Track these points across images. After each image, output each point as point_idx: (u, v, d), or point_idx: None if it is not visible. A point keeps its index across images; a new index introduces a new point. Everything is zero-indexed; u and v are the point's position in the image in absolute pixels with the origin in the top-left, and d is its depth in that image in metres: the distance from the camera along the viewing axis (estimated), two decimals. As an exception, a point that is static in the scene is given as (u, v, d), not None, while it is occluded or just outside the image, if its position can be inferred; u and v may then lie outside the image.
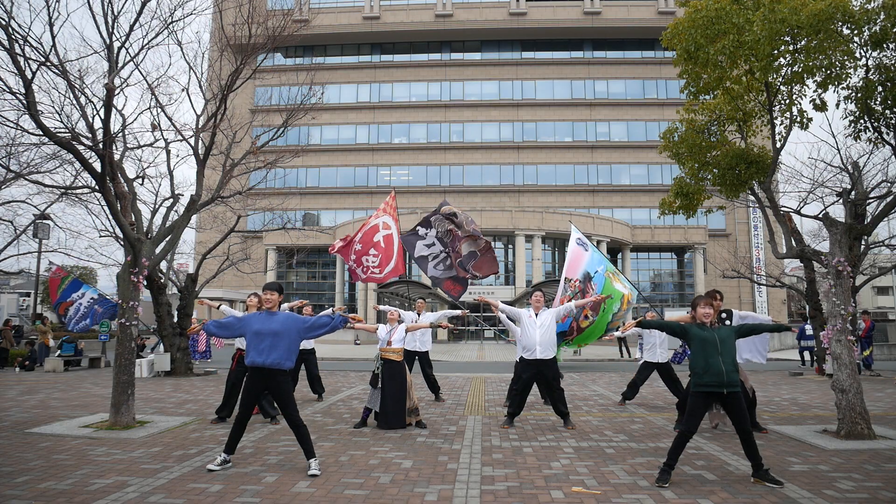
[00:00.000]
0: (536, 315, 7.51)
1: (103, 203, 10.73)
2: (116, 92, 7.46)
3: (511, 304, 40.35)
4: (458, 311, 10.14)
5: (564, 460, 5.60)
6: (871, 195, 9.52)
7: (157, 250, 8.59)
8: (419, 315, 9.85)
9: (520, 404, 7.50)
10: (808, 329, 18.22)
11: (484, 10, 51.02)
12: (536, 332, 7.35)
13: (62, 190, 11.62)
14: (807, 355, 18.67)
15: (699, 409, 4.92)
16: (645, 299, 18.41)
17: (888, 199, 7.77)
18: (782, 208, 8.36)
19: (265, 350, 5.08)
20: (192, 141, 10.24)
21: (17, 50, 6.65)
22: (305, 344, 9.35)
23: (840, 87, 7.07)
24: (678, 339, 5.26)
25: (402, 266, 10.21)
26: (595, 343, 34.90)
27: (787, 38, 6.81)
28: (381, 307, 10.04)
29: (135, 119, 9.83)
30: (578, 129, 50.90)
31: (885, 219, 8.30)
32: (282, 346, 5.11)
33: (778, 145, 7.88)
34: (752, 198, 10.88)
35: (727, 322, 7.35)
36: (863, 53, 7.00)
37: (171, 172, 11.42)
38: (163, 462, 5.44)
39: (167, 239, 9.18)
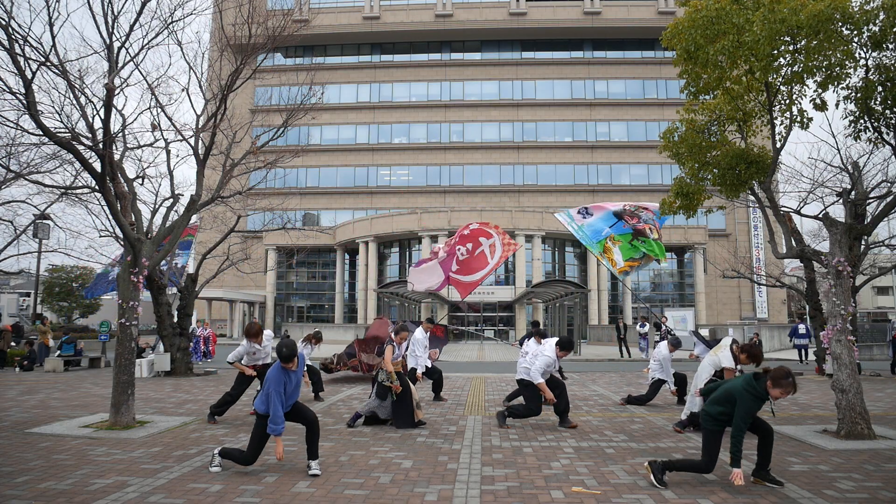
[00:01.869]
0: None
1: (103, 203, 10.73)
2: (116, 92, 7.46)
3: (510, 304, 39.87)
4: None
5: (564, 460, 5.60)
6: (871, 195, 9.53)
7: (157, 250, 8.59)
8: (426, 333, 10.30)
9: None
10: (801, 328, 19.58)
11: (484, 10, 51.00)
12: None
13: (62, 190, 11.60)
14: (802, 353, 19.82)
15: (719, 443, 4.73)
16: (645, 299, 18.49)
17: (888, 199, 7.77)
18: (782, 208, 8.36)
19: (294, 396, 5.24)
20: (192, 141, 10.24)
21: (17, 50, 6.65)
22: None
23: (840, 87, 7.07)
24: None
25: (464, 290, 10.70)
26: (595, 343, 34.85)
27: (787, 39, 6.81)
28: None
29: (135, 119, 9.82)
30: (578, 129, 50.90)
31: (885, 219, 8.31)
32: (298, 390, 5.34)
33: (778, 145, 7.88)
34: (752, 198, 10.88)
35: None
36: (862, 54, 7.00)
37: (171, 172, 11.40)
38: (163, 462, 5.44)
39: (167, 239, 9.18)
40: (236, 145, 12.67)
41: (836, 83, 6.92)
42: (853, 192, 8.32)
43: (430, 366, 10.31)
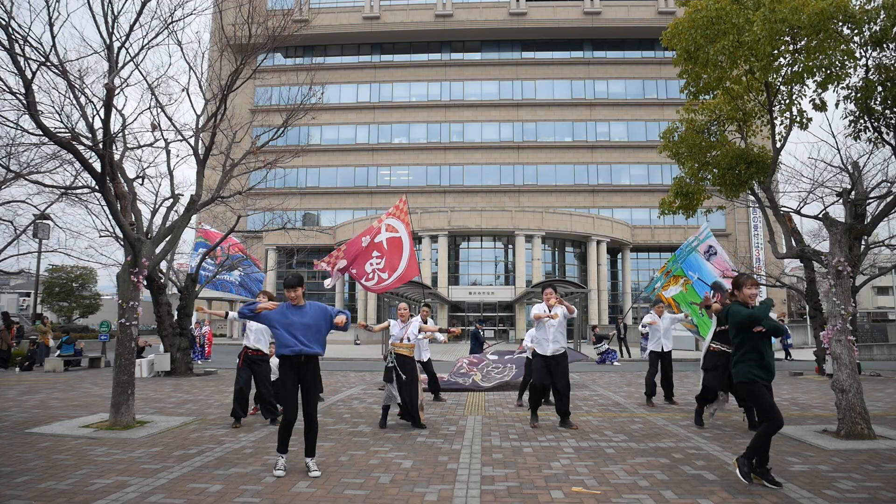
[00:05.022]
0: (550, 309, 7.51)
1: (103, 203, 10.74)
2: (116, 92, 7.46)
3: (510, 304, 39.88)
4: (451, 330, 10.07)
5: (564, 460, 5.59)
6: (871, 195, 9.52)
7: (157, 250, 8.59)
8: (425, 322, 9.88)
9: (539, 399, 7.65)
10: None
11: (484, 10, 50.99)
12: (550, 332, 7.43)
13: (62, 190, 11.61)
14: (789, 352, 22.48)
15: (766, 393, 4.66)
16: (645, 299, 18.55)
17: (888, 199, 7.77)
18: (782, 208, 8.37)
19: (302, 340, 5.09)
20: (192, 141, 10.25)
21: (17, 50, 6.65)
22: None
23: (840, 87, 7.08)
24: (747, 327, 4.78)
25: (415, 269, 10.24)
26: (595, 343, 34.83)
27: (787, 38, 6.81)
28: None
29: (135, 119, 9.83)
30: (578, 129, 50.88)
31: (885, 219, 8.31)
32: (316, 335, 5.19)
33: (778, 145, 7.88)
34: (752, 198, 10.90)
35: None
36: (863, 53, 7.01)
37: (171, 172, 11.42)
38: (163, 462, 5.44)
39: (167, 239, 9.18)
40: (236, 145, 12.67)
41: (836, 83, 6.93)
42: (853, 192, 8.30)
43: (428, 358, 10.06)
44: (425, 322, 9.82)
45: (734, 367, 4.86)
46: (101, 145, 7.31)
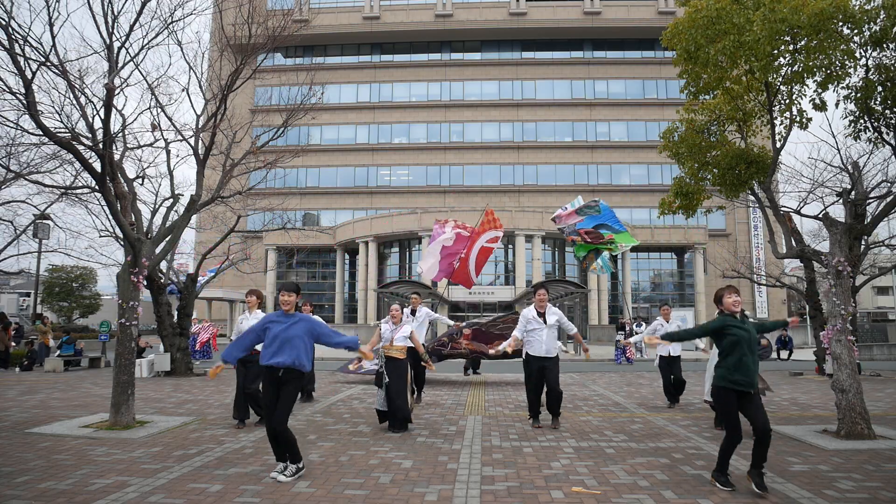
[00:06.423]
0: (542, 315, 7.44)
1: (103, 203, 10.74)
2: (116, 92, 7.46)
3: (511, 304, 39.89)
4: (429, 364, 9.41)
5: (564, 460, 5.60)
6: (871, 195, 9.52)
7: (157, 250, 8.59)
8: (413, 312, 9.91)
9: (537, 401, 7.53)
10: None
11: (484, 10, 50.98)
12: (544, 334, 7.36)
13: (62, 190, 11.61)
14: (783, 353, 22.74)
15: (734, 406, 4.69)
16: (646, 299, 18.62)
17: (888, 199, 7.77)
18: (782, 208, 8.36)
19: (277, 352, 4.94)
20: (192, 141, 10.25)
21: (17, 50, 6.65)
22: None
23: (840, 86, 7.07)
24: (710, 337, 5.02)
25: (467, 280, 12.15)
26: (597, 343, 34.91)
27: (787, 38, 6.81)
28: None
29: (135, 119, 9.84)
30: (578, 129, 50.86)
31: (885, 219, 8.31)
32: (297, 347, 4.98)
33: (778, 145, 7.88)
34: (752, 198, 10.90)
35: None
36: (863, 53, 7.00)
37: (171, 172, 11.42)
38: (163, 462, 5.44)
39: (167, 239, 9.18)
40: (236, 145, 12.68)
41: (836, 83, 6.93)
42: (853, 192, 8.30)
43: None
44: (414, 312, 9.87)
45: (714, 370, 4.92)
46: (101, 145, 7.31)
